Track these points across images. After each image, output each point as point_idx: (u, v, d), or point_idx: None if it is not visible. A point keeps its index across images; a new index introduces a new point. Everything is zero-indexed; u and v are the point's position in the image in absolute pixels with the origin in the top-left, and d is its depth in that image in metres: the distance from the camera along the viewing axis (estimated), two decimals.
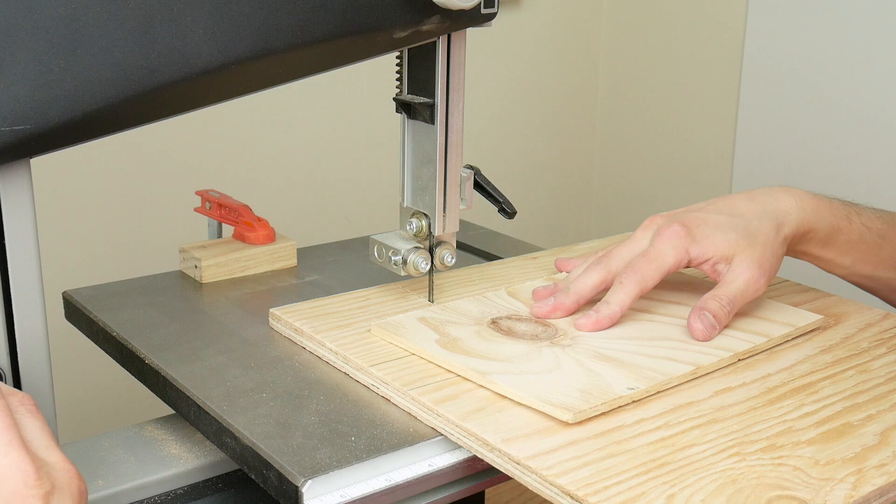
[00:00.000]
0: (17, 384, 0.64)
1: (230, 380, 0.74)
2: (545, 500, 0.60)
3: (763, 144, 1.69)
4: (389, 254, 0.84)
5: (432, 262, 0.85)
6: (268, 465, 0.63)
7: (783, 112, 1.65)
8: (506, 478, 0.64)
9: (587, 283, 0.83)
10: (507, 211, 0.90)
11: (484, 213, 1.01)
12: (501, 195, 0.90)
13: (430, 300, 0.86)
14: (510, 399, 0.69)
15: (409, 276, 0.86)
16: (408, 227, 0.85)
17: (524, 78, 1.83)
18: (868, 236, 0.86)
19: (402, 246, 0.84)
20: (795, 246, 0.86)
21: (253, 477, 0.66)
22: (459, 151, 0.83)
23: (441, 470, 0.66)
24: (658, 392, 0.71)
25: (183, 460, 0.76)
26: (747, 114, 1.71)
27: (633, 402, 0.69)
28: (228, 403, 0.70)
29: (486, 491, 0.90)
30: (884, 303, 0.93)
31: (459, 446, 0.66)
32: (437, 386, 0.71)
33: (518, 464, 0.61)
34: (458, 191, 0.84)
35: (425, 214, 0.85)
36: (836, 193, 0.91)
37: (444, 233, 0.85)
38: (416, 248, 0.84)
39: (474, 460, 0.66)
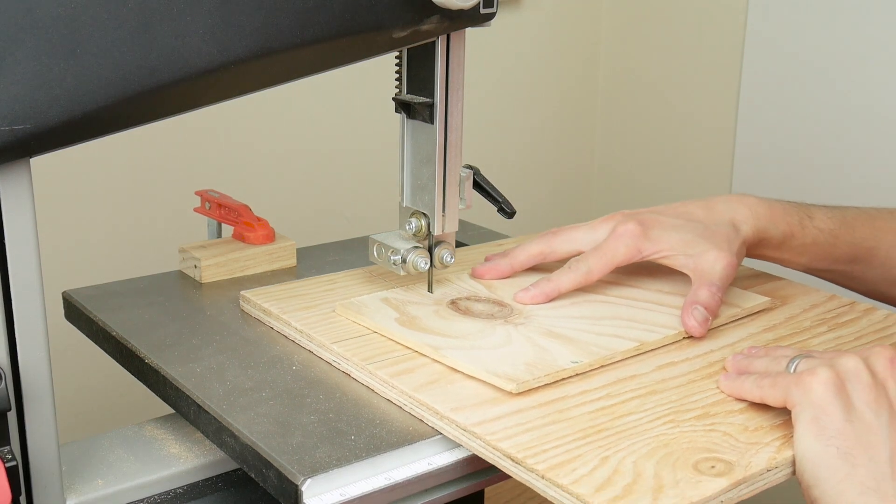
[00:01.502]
0: (17, 384, 0.64)
1: (230, 379, 0.74)
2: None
3: (763, 146, 1.70)
4: (389, 253, 0.85)
5: (431, 262, 0.85)
6: (267, 464, 0.63)
7: (783, 112, 1.65)
8: (505, 477, 0.64)
9: (525, 251, 0.90)
10: (507, 210, 0.90)
11: (483, 213, 1.01)
12: (501, 195, 0.90)
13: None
14: (461, 372, 0.73)
15: (408, 276, 0.86)
16: (407, 227, 0.85)
17: (524, 78, 1.83)
18: (821, 237, 0.90)
19: (401, 245, 0.84)
20: (752, 251, 0.90)
21: (253, 476, 0.66)
22: (459, 151, 0.83)
23: (440, 469, 0.66)
24: (602, 366, 0.74)
25: (183, 460, 0.77)
26: (747, 115, 1.71)
27: (578, 375, 0.73)
28: (228, 403, 0.70)
29: (486, 490, 0.90)
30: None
31: (459, 445, 0.66)
32: (394, 361, 0.74)
33: (465, 430, 0.65)
34: (457, 190, 0.84)
35: (425, 214, 0.85)
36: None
37: (444, 232, 0.85)
38: (416, 247, 0.85)
39: (474, 459, 0.66)
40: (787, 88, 1.63)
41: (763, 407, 0.68)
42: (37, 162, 0.61)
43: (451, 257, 0.86)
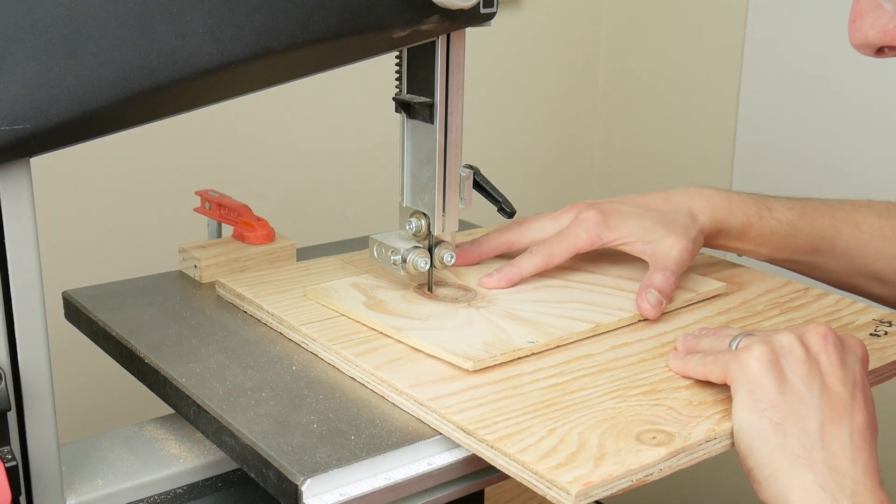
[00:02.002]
0: (17, 384, 0.64)
1: (230, 379, 0.74)
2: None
3: (763, 146, 1.69)
4: (389, 253, 0.85)
5: (431, 262, 0.85)
6: (267, 464, 0.63)
7: (783, 112, 1.65)
8: (505, 477, 0.64)
9: (492, 240, 0.93)
10: (507, 210, 0.91)
11: (483, 213, 1.01)
12: (500, 195, 0.90)
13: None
14: (422, 352, 0.76)
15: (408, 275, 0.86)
16: (407, 227, 0.85)
17: (524, 78, 1.83)
18: (779, 228, 0.92)
19: (401, 245, 0.84)
20: (712, 241, 0.93)
21: (252, 476, 0.66)
22: (459, 151, 0.83)
23: (440, 469, 0.66)
24: (557, 346, 0.77)
25: (183, 460, 0.77)
26: (747, 115, 1.71)
27: (534, 354, 0.76)
28: (228, 403, 0.70)
29: (486, 490, 0.90)
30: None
31: (459, 445, 0.66)
32: (359, 342, 0.78)
33: (421, 405, 0.69)
34: (457, 190, 0.84)
35: (425, 214, 0.85)
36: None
37: (444, 232, 0.85)
38: (416, 247, 0.85)
39: (474, 459, 0.66)
40: (787, 88, 1.63)
41: (707, 384, 0.71)
42: (37, 162, 0.61)
43: (452, 257, 0.86)
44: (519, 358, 0.75)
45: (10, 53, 0.58)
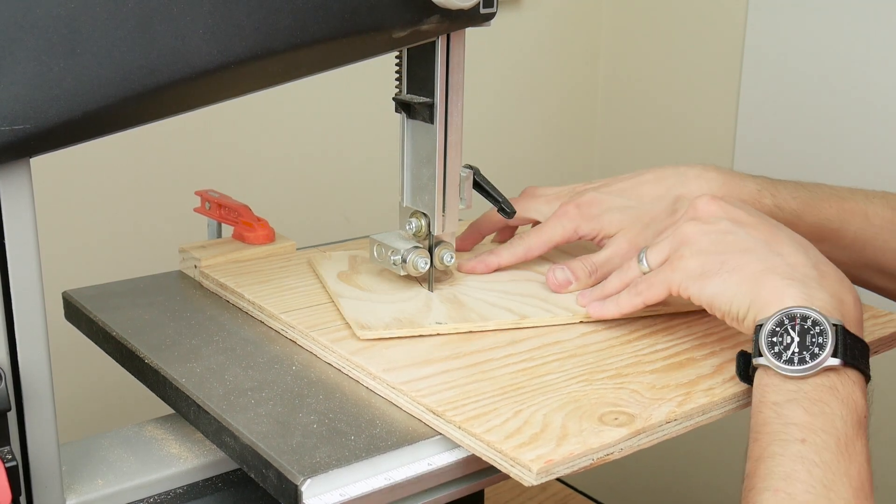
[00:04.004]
0: (17, 384, 0.64)
1: (230, 379, 0.74)
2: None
3: (763, 146, 1.69)
4: (389, 253, 0.85)
5: (431, 262, 0.85)
6: (267, 465, 0.63)
7: (783, 112, 1.65)
8: (505, 477, 0.64)
9: (492, 219, 0.97)
10: (507, 210, 0.90)
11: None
12: (501, 195, 0.90)
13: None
14: (395, 338, 0.78)
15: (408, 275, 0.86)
16: (407, 227, 0.85)
17: (524, 78, 1.83)
18: (781, 215, 0.91)
19: (401, 245, 0.84)
20: None
21: (252, 476, 0.66)
22: (459, 151, 0.83)
23: (440, 469, 0.66)
24: (469, 332, 0.80)
25: (183, 460, 0.77)
26: (747, 115, 1.71)
27: (443, 335, 0.79)
28: (228, 403, 0.70)
29: (486, 490, 0.90)
30: None
31: (459, 445, 0.66)
32: (336, 329, 0.80)
33: (393, 388, 0.71)
34: (457, 190, 0.84)
35: (425, 214, 0.85)
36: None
37: (444, 232, 0.85)
38: (416, 247, 0.85)
39: (474, 459, 0.66)
40: (787, 88, 1.63)
41: (673, 369, 0.74)
42: (37, 162, 0.61)
43: (452, 257, 0.86)
44: (420, 335, 0.78)
45: (10, 53, 0.58)
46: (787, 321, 0.66)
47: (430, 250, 0.85)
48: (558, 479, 0.91)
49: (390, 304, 0.83)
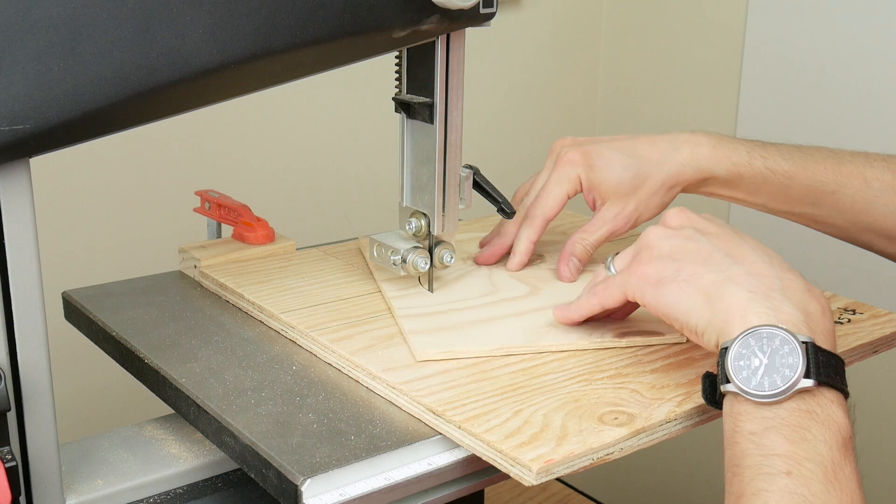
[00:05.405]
0: (16, 384, 0.64)
1: (229, 379, 0.74)
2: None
3: None
4: (389, 253, 0.85)
5: (431, 262, 0.85)
6: (267, 464, 0.63)
7: (783, 112, 1.65)
8: (505, 477, 0.64)
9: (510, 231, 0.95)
10: (507, 210, 0.90)
11: (483, 213, 1.01)
12: (500, 195, 0.90)
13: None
14: (396, 339, 0.78)
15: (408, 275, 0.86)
16: (407, 227, 0.85)
17: (524, 78, 1.83)
18: (773, 178, 0.91)
19: (401, 245, 0.84)
20: (698, 188, 0.93)
21: (252, 476, 0.66)
22: (458, 151, 0.83)
23: (440, 469, 0.66)
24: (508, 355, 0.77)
25: (182, 460, 0.77)
26: (747, 115, 1.71)
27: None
28: (228, 403, 0.70)
29: (486, 490, 0.90)
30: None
31: (459, 445, 0.66)
32: (336, 329, 0.80)
33: (393, 388, 0.71)
34: (457, 190, 0.84)
35: (425, 214, 0.85)
36: None
37: (444, 232, 0.85)
38: (416, 247, 0.85)
39: (474, 459, 0.66)
40: (787, 88, 1.63)
41: (673, 369, 0.74)
42: (37, 162, 0.61)
43: (452, 257, 0.86)
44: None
45: (10, 54, 0.58)
46: (753, 342, 0.61)
47: (430, 250, 0.85)
48: (558, 479, 0.92)
49: (442, 315, 0.81)
